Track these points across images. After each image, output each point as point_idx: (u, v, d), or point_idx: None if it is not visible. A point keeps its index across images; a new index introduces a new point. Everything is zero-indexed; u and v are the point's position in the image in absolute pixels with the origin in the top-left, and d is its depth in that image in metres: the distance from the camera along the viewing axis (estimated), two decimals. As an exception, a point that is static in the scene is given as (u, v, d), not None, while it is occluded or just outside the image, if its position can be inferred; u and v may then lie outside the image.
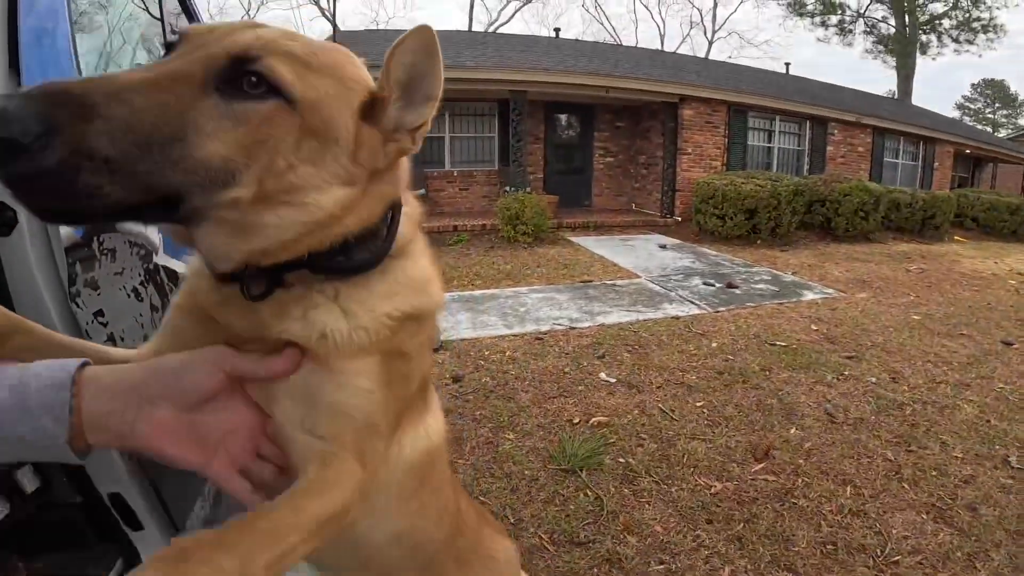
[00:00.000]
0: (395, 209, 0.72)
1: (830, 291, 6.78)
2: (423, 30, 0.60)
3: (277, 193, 0.57)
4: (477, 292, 6.38)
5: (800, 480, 2.83)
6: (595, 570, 2.24)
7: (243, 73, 0.54)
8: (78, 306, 1.28)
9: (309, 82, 0.57)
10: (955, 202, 13.35)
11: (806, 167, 13.95)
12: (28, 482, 1.53)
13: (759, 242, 10.08)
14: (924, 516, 2.55)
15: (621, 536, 2.43)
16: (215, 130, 0.52)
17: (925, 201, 12.36)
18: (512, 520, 2.50)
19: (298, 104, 0.56)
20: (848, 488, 2.78)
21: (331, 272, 0.65)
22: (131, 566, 1.65)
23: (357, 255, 0.66)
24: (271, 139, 0.55)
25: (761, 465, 2.96)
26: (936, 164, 16.60)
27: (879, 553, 2.31)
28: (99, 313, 1.35)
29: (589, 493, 2.71)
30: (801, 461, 2.99)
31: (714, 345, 4.73)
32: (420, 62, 0.62)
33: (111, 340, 1.43)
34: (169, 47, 0.58)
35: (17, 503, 1.50)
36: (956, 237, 12.92)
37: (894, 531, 2.44)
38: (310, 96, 0.57)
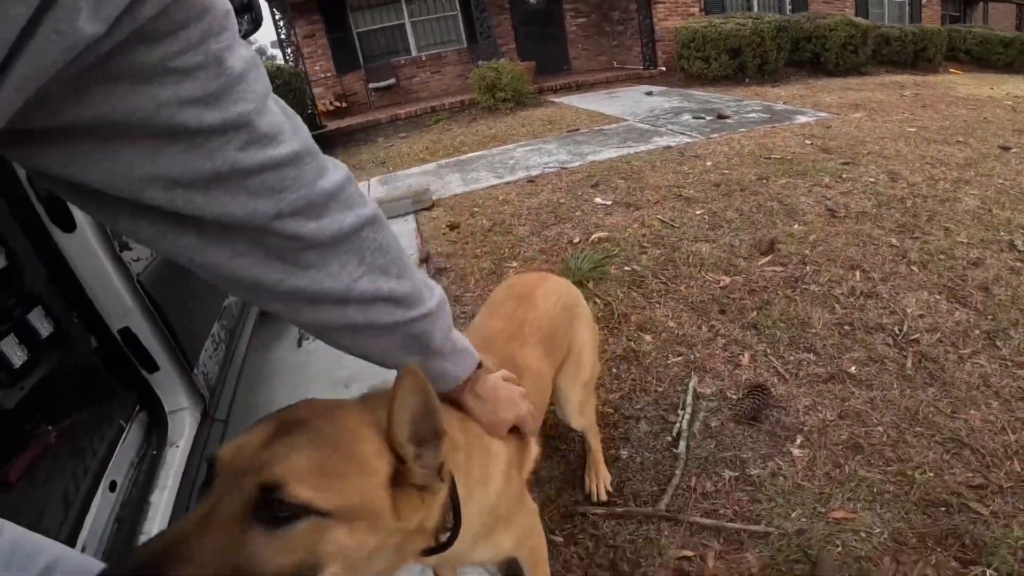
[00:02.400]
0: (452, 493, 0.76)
1: (823, 114, 6.48)
2: (411, 378, 0.63)
3: (365, 556, 0.63)
4: (464, 156, 6.11)
5: (808, 268, 2.73)
6: (615, 369, 2.19)
7: (273, 500, 0.56)
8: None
9: (334, 490, 0.60)
10: (946, 35, 12.50)
11: (788, 6, 13.05)
12: (42, 327, 1.44)
13: (747, 80, 9.63)
14: (937, 296, 2.47)
15: (636, 335, 2.37)
16: (272, 555, 0.56)
17: (915, 35, 11.60)
18: (524, 336, 2.42)
19: (331, 513, 0.59)
20: (857, 273, 2.69)
21: None
22: (151, 411, 1.61)
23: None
24: (321, 542, 0.58)
25: (767, 258, 2.86)
26: (924, 1, 15.57)
27: (897, 332, 2.24)
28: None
29: (598, 301, 2.62)
30: (807, 251, 2.89)
31: (709, 164, 4.53)
32: (417, 410, 0.65)
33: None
34: (209, 479, 0.61)
35: (35, 349, 1.41)
36: (951, 69, 12.23)
37: (909, 310, 2.36)
38: (338, 503, 0.60)
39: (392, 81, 12.35)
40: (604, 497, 1.66)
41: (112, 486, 1.36)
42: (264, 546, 0.56)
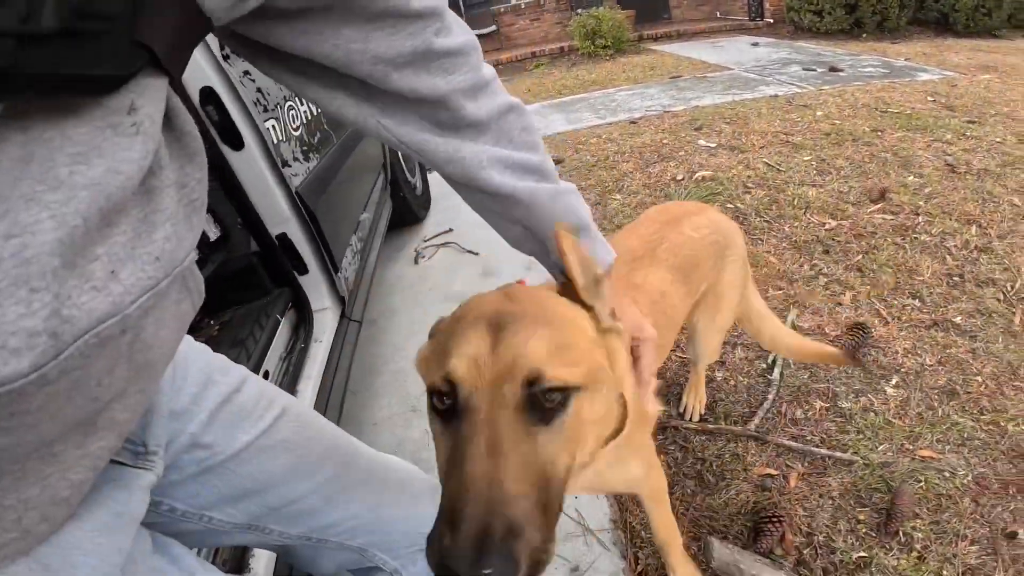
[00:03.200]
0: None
1: (949, 73, 5.97)
2: (568, 232, 0.64)
3: (599, 432, 0.66)
4: (566, 98, 6.10)
5: (921, 219, 2.64)
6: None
7: (539, 392, 0.56)
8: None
9: (576, 362, 0.59)
10: None
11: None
12: (211, 231, 1.64)
13: (864, 36, 8.92)
14: None
15: (735, 267, 2.39)
16: (561, 449, 0.56)
17: None
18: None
19: (583, 385, 0.59)
20: (973, 227, 2.56)
21: None
22: (300, 308, 1.79)
23: None
24: (584, 418, 0.59)
25: (878, 206, 2.77)
26: None
27: (1009, 288, 2.14)
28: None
29: (699, 234, 2.65)
30: (921, 203, 2.78)
31: (819, 114, 4.33)
32: (583, 257, 0.66)
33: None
34: (454, 402, 0.58)
35: (205, 252, 1.61)
36: None
37: None
38: (584, 373, 0.59)
39: (493, 28, 12.36)
40: (697, 417, 1.74)
41: (266, 375, 1.50)
42: (552, 442, 0.55)
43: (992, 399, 1.68)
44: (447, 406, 0.58)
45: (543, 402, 0.55)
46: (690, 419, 1.73)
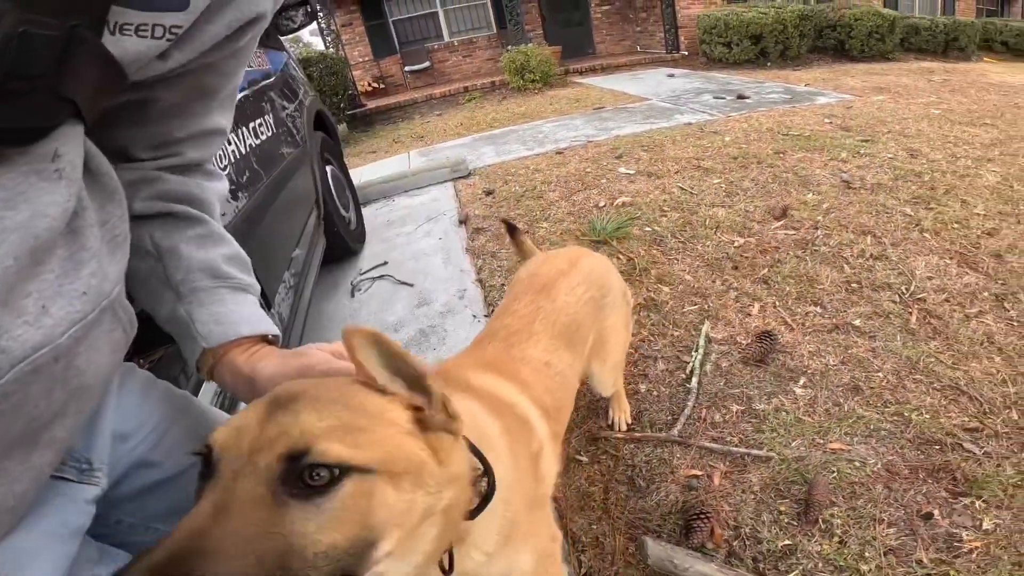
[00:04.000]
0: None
1: (845, 96, 6.41)
2: (356, 331, 0.57)
3: (417, 523, 0.56)
4: (497, 131, 6.21)
5: (820, 232, 2.80)
6: (636, 316, 2.31)
7: (303, 467, 0.49)
8: None
9: (364, 443, 0.53)
10: (980, 27, 11.92)
11: (814, -1, 12.76)
12: None
13: (769, 65, 9.52)
14: (948, 260, 2.48)
15: (655, 287, 2.49)
16: (319, 530, 0.48)
17: (947, 25, 11.13)
18: (552, 288, 2.55)
19: (374, 468, 0.52)
20: (868, 238, 2.74)
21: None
22: None
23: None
24: (371, 506, 0.51)
25: (780, 223, 2.94)
26: None
27: (904, 291, 2.29)
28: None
29: (621, 257, 2.74)
30: (820, 218, 2.96)
31: (727, 139, 4.58)
32: (381, 352, 0.58)
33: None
34: (204, 472, 0.52)
35: None
36: (985, 58, 11.67)
37: (918, 272, 2.40)
38: (375, 455, 0.52)
39: (427, 64, 12.56)
40: (624, 427, 1.79)
41: None
42: (308, 521, 0.48)
43: (894, 392, 1.79)
44: (204, 472, 0.52)
45: (306, 478, 0.49)
46: (618, 429, 1.79)
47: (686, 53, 11.25)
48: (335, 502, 0.49)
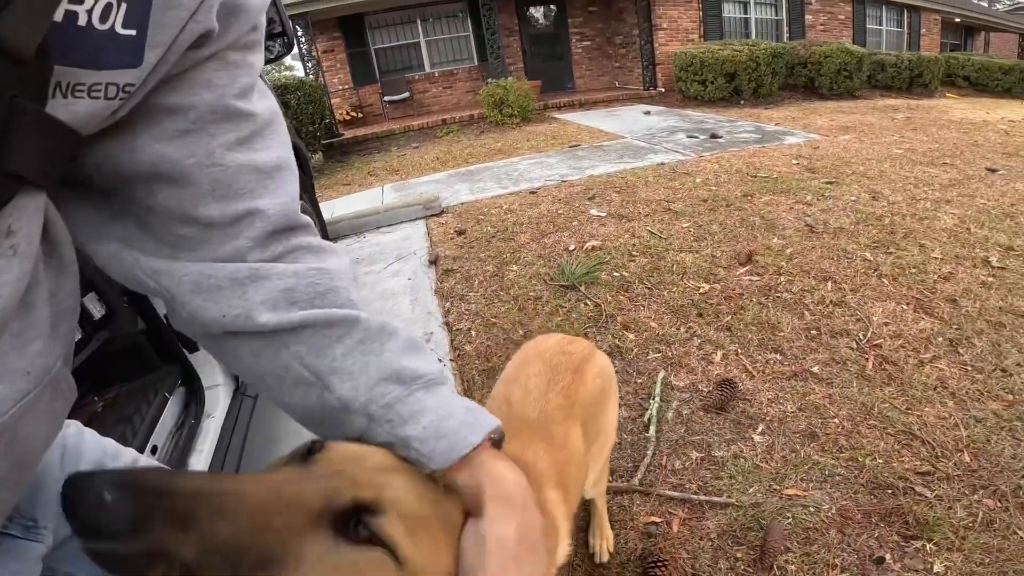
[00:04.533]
0: None
1: (813, 135, 6.61)
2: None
3: None
4: (472, 167, 6.27)
5: (783, 278, 2.87)
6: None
7: (359, 519, 0.49)
8: None
9: (421, 546, 0.52)
10: (944, 63, 12.41)
11: (786, 35, 13.12)
12: (96, 310, 1.59)
13: (742, 102, 9.79)
14: (904, 307, 2.56)
15: (621, 333, 2.51)
16: (315, 564, 0.47)
17: (912, 61, 11.58)
18: (522, 333, 2.57)
19: (404, 564, 0.50)
20: (828, 284, 2.81)
21: None
22: (190, 386, 1.75)
23: None
24: None
25: (745, 268, 2.99)
26: (923, 31, 15.44)
27: (862, 337, 2.35)
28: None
29: (588, 303, 2.77)
30: (783, 263, 3.02)
31: (698, 180, 4.67)
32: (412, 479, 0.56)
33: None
34: (311, 450, 0.53)
35: (88, 329, 1.54)
36: (947, 94, 12.13)
37: (875, 319, 2.47)
38: (418, 559, 0.51)
39: (406, 95, 12.60)
40: (606, 558, 1.58)
41: (154, 450, 1.49)
42: (321, 551, 0.47)
43: (849, 438, 1.82)
44: (304, 454, 0.53)
45: (351, 526, 0.49)
46: (599, 560, 1.58)
47: (663, 90, 11.52)
48: (354, 555, 0.49)
